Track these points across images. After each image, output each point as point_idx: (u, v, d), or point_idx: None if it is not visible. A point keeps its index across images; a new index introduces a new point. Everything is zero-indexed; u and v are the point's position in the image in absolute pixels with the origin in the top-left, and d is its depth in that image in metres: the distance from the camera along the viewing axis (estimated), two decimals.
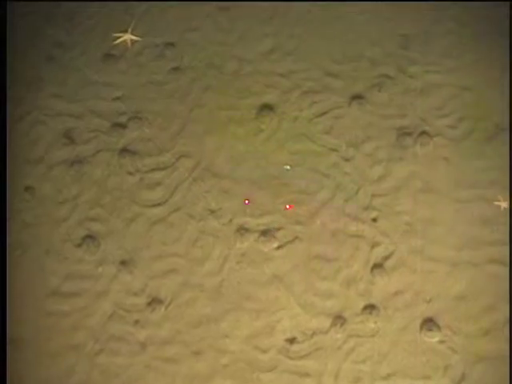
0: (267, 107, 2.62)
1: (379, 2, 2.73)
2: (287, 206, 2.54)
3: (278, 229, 2.49)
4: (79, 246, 2.53)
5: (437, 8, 2.74)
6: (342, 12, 2.76)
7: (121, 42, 2.80)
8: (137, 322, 2.46)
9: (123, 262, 2.49)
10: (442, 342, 2.37)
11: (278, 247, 2.47)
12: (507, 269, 2.42)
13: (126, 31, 2.83)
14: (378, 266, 2.45)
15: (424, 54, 2.68)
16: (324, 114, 2.60)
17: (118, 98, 2.65)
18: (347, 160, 2.55)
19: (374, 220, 2.48)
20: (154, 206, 2.56)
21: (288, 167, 2.57)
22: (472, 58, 2.66)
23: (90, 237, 2.52)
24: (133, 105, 2.64)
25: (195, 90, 2.69)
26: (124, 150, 2.58)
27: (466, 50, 2.68)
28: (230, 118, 2.62)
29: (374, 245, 2.47)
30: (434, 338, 2.38)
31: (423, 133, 2.57)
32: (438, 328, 2.39)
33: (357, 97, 2.59)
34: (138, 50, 2.76)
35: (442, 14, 2.75)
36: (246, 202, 2.55)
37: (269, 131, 2.60)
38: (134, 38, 2.83)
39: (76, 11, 2.81)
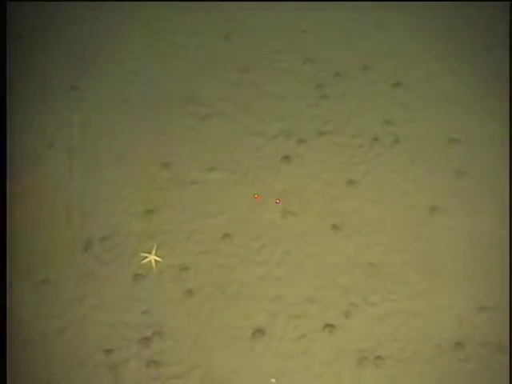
0: (260, 330, 3.37)
1: None
2: None
3: None
4: None
5: None
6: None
7: (146, 263, 3.51)
8: None
9: None
10: None
11: None
12: None
13: (150, 252, 3.51)
14: None
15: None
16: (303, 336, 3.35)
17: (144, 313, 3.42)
18: None
19: None
20: None
21: (274, 380, 3.31)
22: None
23: None
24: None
25: (204, 310, 3.42)
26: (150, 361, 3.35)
27: None
28: (231, 336, 3.36)
29: None
30: None
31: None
32: None
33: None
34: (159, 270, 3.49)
35: None
36: None
37: (260, 350, 3.34)
38: (157, 258, 3.50)
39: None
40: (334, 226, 3.50)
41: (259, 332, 3.42)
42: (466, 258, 3.42)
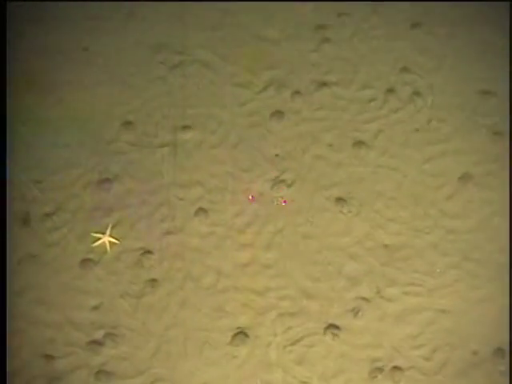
0: (242, 332, 2.66)
1: None
2: None
3: None
4: None
5: None
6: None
7: (99, 245, 2.81)
8: None
9: None
10: None
11: None
12: None
13: (104, 232, 2.82)
14: None
15: None
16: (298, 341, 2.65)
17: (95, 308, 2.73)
18: None
19: None
20: None
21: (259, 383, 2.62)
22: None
23: None
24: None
25: (171, 306, 2.72)
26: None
27: None
28: (204, 340, 2.67)
29: None
30: None
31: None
32: None
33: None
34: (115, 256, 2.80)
35: None
36: None
37: (242, 357, 2.65)
38: (112, 240, 2.82)
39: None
40: (339, 200, 2.81)
41: (241, 335, 2.71)
42: (504, 238, 2.72)
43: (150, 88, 3.00)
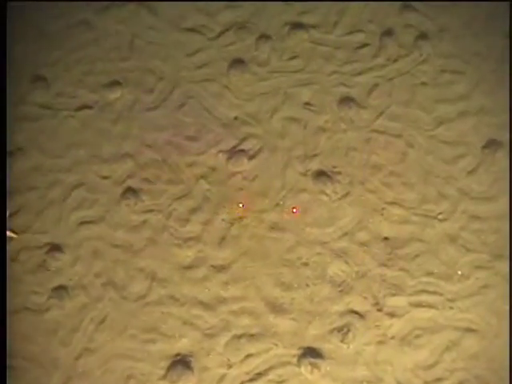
0: (182, 360, 1.90)
1: None
2: None
3: None
4: None
5: None
6: None
7: None
8: None
9: None
10: None
11: None
12: None
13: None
14: None
15: None
16: None
17: None
18: None
19: None
20: None
21: None
22: None
23: None
24: None
25: (86, 323, 2.02)
26: None
27: None
28: (129, 374, 1.94)
29: None
30: None
31: None
32: None
33: None
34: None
35: None
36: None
37: None
38: (12, 234, 2.13)
39: None
40: (320, 176, 2.11)
41: (181, 365, 1.98)
42: None
43: (71, 35, 2.34)
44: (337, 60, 2.25)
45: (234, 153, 2.14)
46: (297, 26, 2.31)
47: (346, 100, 2.15)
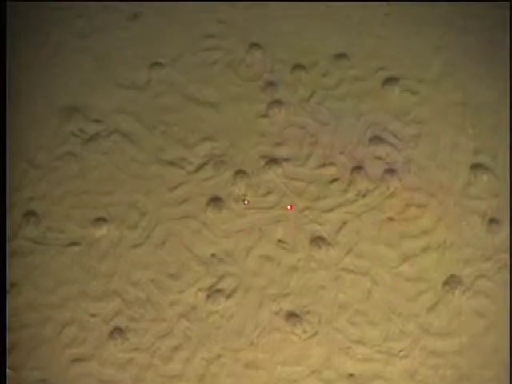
0: None
1: None
2: None
3: None
4: None
5: None
6: None
7: None
8: None
9: None
10: None
11: None
12: None
13: None
14: None
15: None
16: None
17: None
18: None
19: None
20: None
21: None
22: None
23: None
24: None
25: None
26: None
27: None
28: None
29: None
30: None
31: None
32: None
33: None
34: None
35: None
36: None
37: None
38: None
39: None
40: (291, 316, 2.15)
41: None
42: (505, 357, 2.17)
43: (57, 168, 2.45)
44: (308, 196, 2.40)
45: (213, 292, 2.32)
46: (271, 160, 2.43)
47: (317, 239, 2.28)
